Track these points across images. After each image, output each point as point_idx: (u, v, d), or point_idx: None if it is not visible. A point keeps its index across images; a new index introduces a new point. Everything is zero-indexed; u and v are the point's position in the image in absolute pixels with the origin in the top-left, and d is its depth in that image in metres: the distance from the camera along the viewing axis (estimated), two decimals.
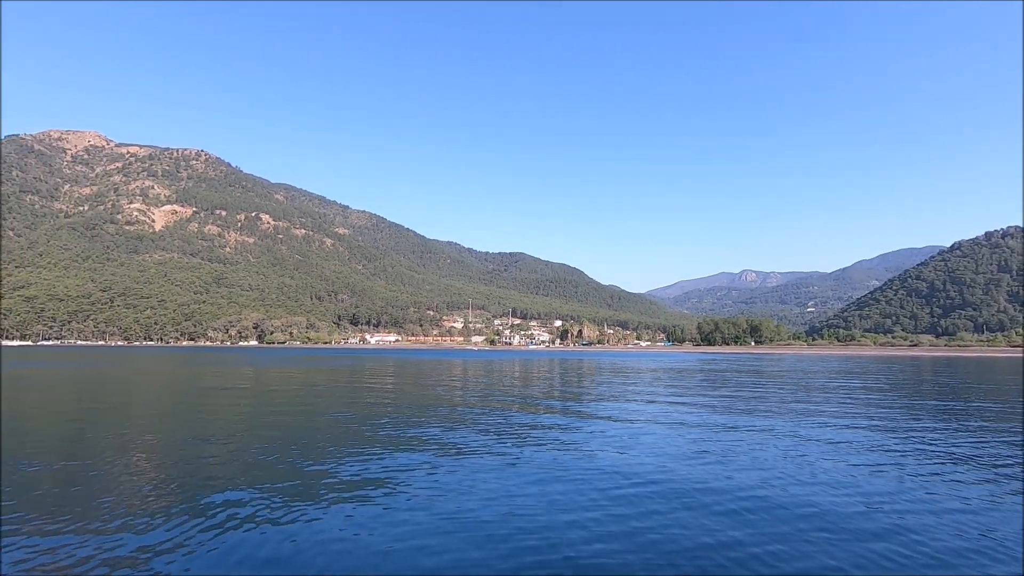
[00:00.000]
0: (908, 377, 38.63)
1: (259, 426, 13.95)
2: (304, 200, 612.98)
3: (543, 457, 10.14)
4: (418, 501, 7.32)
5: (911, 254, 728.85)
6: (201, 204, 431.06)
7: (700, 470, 9.26)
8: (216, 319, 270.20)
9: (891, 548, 5.78)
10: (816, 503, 7.37)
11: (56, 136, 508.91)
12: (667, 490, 7.95)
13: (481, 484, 8.21)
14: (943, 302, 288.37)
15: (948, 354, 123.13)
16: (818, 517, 6.79)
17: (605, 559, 5.46)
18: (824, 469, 9.40)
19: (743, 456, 10.39)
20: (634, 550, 5.67)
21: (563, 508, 7.06)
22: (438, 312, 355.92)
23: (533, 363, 60.52)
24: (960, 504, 7.42)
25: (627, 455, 10.43)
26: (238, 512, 6.80)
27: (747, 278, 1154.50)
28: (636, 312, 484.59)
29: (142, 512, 6.78)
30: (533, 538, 6.00)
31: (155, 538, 5.89)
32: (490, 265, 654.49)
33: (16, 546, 5.66)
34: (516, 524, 6.45)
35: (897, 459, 10.29)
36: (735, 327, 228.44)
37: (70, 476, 8.54)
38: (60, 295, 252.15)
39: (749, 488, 8.07)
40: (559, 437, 12.41)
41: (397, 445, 11.24)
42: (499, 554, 5.56)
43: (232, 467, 9.18)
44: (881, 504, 7.37)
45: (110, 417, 15.66)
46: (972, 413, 17.71)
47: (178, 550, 5.57)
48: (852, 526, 6.47)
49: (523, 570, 5.21)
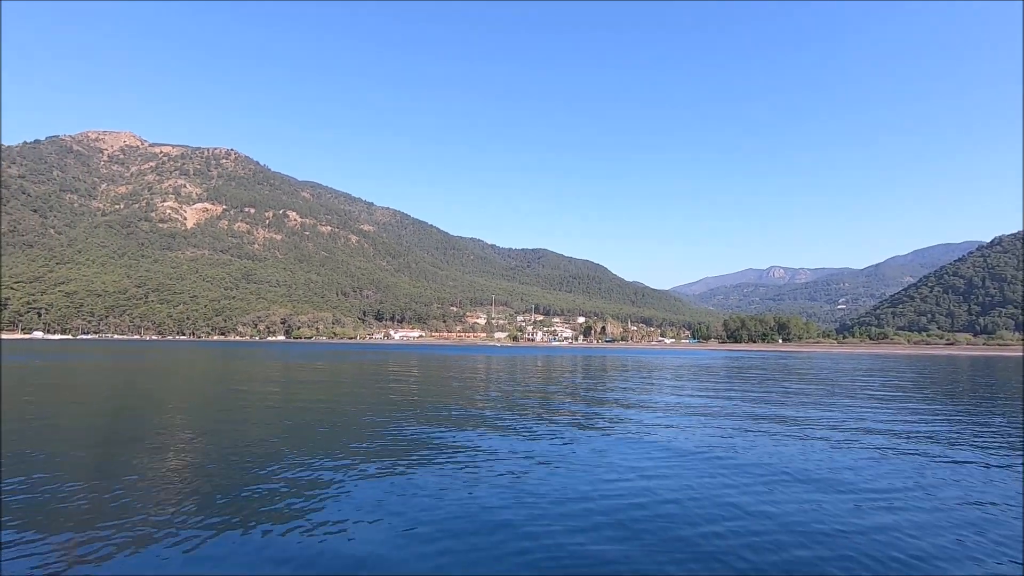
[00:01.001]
0: (944, 376, 37.39)
1: (291, 421, 14.22)
2: (330, 197, 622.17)
3: (565, 452, 10.13)
4: (428, 495, 7.39)
5: (947, 250, 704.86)
6: (231, 202, 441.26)
7: (725, 478, 9.13)
8: (245, 314, 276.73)
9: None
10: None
11: (94, 137, 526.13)
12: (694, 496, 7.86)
13: (517, 483, 8.23)
14: (982, 299, 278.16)
15: (987, 353, 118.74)
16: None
17: (605, 552, 5.48)
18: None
19: (769, 458, 10.21)
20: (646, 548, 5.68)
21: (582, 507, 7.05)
22: (461, 308, 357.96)
23: (556, 360, 60.40)
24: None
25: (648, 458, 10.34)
26: (261, 508, 6.94)
27: (775, 275, 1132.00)
28: (660, 309, 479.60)
29: (171, 505, 6.98)
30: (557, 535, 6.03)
31: (182, 534, 5.97)
32: (513, 261, 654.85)
33: (23, 541, 5.68)
34: (545, 526, 6.47)
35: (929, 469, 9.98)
36: (762, 324, 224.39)
37: (102, 467, 8.84)
38: (98, 291, 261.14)
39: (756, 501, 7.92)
40: (577, 435, 12.37)
41: (418, 441, 11.35)
42: (517, 551, 5.62)
43: (261, 460, 9.38)
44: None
45: (154, 408, 16.17)
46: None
47: (196, 548, 5.60)
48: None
49: (528, 567, 5.26)
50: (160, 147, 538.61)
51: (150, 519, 6.30)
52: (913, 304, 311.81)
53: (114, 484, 7.73)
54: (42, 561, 5.19)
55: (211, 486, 7.70)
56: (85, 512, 6.54)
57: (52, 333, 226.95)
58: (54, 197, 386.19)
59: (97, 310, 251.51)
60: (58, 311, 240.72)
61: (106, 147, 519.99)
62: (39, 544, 5.55)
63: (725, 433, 12.75)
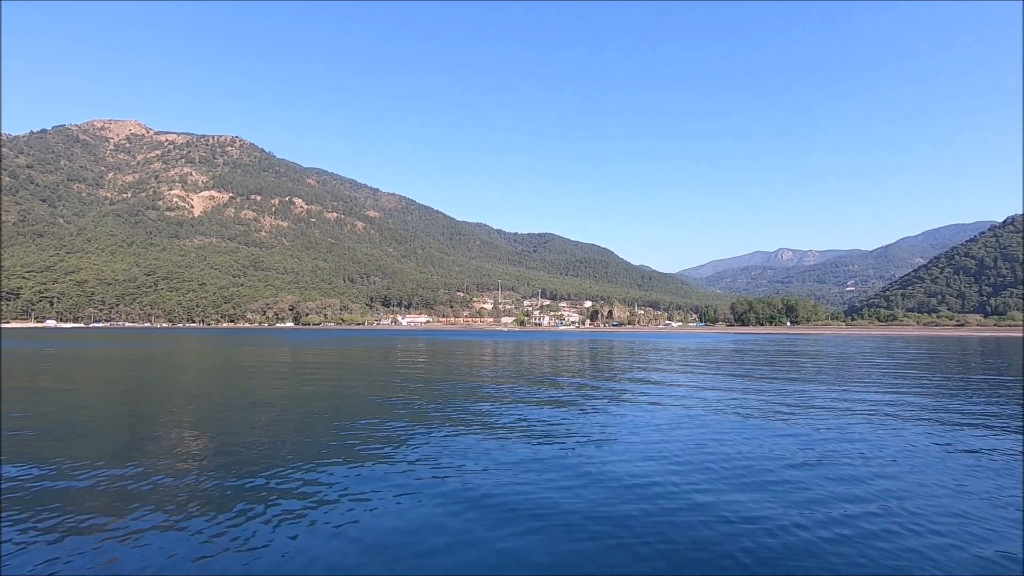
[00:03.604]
0: (954, 359, 37.24)
1: (303, 406, 14.47)
2: (335, 184, 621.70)
3: (575, 439, 10.28)
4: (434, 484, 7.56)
5: (959, 230, 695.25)
6: (237, 189, 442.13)
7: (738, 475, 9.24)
8: (254, 301, 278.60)
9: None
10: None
11: (99, 126, 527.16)
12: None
13: (529, 469, 8.39)
14: (993, 280, 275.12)
15: (997, 334, 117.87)
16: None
17: (604, 546, 5.60)
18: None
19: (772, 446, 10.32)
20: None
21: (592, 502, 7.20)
22: (468, 294, 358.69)
23: (563, 344, 60.61)
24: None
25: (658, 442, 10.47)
26: (272, 501, 6.99)
27: (783, 257, 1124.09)
28: (667, 292, 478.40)
29: (178, 498, 7.10)
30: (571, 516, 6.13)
31: (192, 528, 5.89)
32: (519, 246, 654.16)
33: (24, 539, 5.48)
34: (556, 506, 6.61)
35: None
36: (770, 307, 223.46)
37: (118, 451, 9.08)
38: (108, 279, 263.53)
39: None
40: (584, 419, 12.53)
41: (422, 424, 11.54)
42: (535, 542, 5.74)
43: (271, 450, 9.58)
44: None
45: (164, 396, 16.49)
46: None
47: (207, 543, 5.53)
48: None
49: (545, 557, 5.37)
50: (166, 135, 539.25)
51: (156, 514, 6.19)
52: (923, 285, 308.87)
53: (121, 475, 7.92)
54: (43, 558, 5.01)
55: (228, 473, 7.87)
56: (90, 507, 6.46)
57: (64, 322, 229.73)
58: (62, 187, 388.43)
59: (108, 298, 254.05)
60: (70, 300, 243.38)
61: (112, 136, 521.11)
62: (40, 542, 5.36)
63: (722, 421, 12.86)
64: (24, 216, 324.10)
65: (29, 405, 13.62)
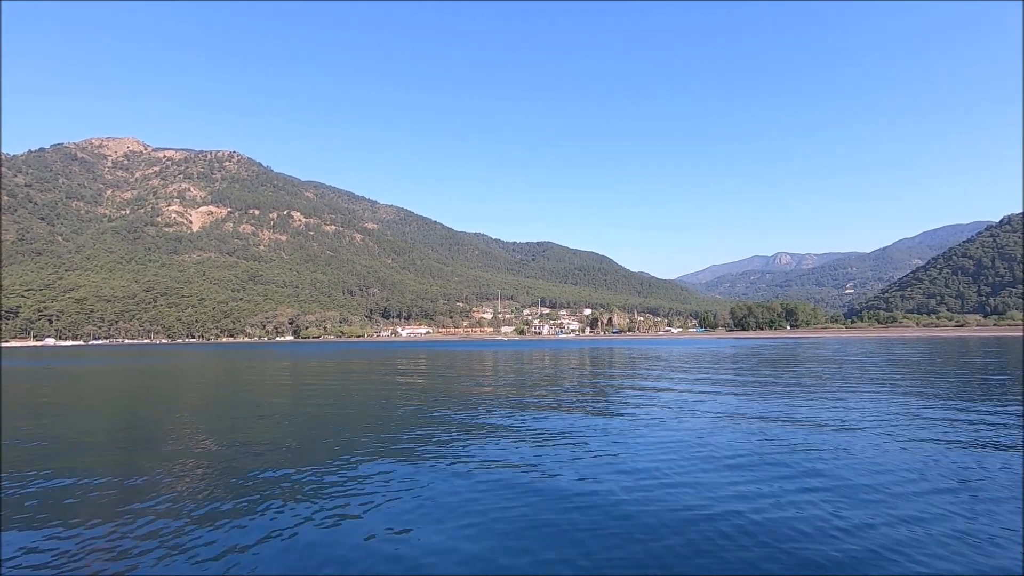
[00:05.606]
0: (955, 359, 37.27)
1: (305, 417, 14.47)
2: (333, 196, 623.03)
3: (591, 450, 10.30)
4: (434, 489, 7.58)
5: (956, 231, 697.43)
6: (235, 204, 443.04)
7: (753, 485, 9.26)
8: (253, 315, 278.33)
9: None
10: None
11: (97, 143, 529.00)
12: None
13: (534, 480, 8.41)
14: (992, 280, 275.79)
15: (997, 334, 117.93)
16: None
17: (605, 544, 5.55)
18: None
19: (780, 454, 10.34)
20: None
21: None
22: (467, 304, 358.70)
23: (563, 353, 60.55)
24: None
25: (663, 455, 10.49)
26: (278, 505, 7.04)
27: (781, 261, 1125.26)
28: (666, 298, 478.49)
29: (180, 503, 7.14)
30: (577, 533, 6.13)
31: (193, 530, 5.96)
32: (518, 255, 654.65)
33: (25, 541, 5.61)
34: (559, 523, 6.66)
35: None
36: (769, 311, 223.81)
37: (121, 465, 9.09)
38: (107, 296, 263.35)
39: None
40: (588, 426, 12.54)
41: (424, 440, 11.55)
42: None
43: (274, 461, 9.59)
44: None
45: (167, 409, 16.47)
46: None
47: (210, 546, 5.55)
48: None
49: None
50: (163, 151, 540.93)
51: (159, 518, 6.25)
52: (922, 287, 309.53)
53: (123, 483, 7.95)
54: (44, 561, 5.09)
55: (233, 480, 7.88)
56: (92, 511, 6.52)
57: (63, 339, 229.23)
58: (61, 204, 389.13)
59: (107, 315, 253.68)
60: (69, 318, 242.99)
61: (110, 153, 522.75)
62: (41, 544, 5.46)
63: (719, 424, 12.88)
64: (23, 235, 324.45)
65: (29, 419, 13.60)
